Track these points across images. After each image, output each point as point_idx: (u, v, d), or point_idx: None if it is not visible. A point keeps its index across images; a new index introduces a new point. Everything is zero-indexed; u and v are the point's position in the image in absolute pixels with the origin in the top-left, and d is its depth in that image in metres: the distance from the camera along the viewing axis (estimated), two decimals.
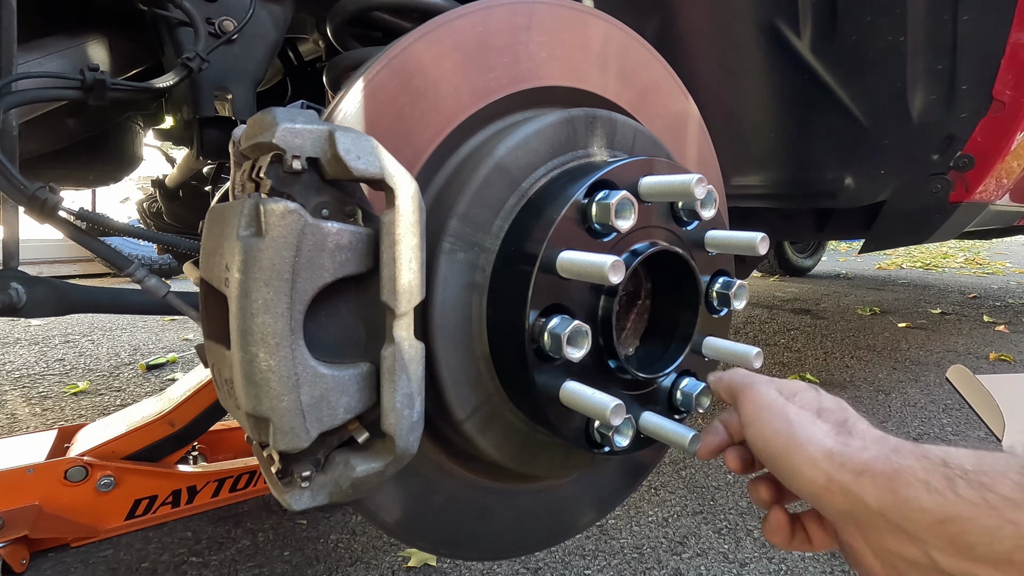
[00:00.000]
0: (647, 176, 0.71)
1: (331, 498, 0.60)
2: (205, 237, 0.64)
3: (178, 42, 1.05)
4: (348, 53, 1.04)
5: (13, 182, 0.81)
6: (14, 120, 0.88)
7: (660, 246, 0.71)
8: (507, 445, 0.75)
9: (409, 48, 0.69)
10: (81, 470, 1.50)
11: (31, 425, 2.36)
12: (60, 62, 1.07)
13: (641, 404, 0.75)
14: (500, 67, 0.74)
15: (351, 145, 0.56)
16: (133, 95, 0.93)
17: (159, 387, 2.88)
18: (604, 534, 1.69)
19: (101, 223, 0.96)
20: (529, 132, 0.72)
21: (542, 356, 0.65)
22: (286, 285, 0.53)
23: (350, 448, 0.62)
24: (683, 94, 0.95)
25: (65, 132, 1.46)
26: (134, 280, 0.91)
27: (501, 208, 0.71)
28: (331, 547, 1.58)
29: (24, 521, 1.41)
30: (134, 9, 1.08)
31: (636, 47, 0.88)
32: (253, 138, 0.56)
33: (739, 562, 1.59)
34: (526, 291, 0.64)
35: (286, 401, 0.54)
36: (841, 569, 1.58)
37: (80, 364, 3.25)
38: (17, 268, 0.96)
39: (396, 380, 0.59)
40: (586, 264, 0.61)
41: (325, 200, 0.58)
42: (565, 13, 0.79)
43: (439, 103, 0.71)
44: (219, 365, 0.62)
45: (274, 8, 1.10)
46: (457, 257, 0.68)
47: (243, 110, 1.07)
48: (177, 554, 1.53)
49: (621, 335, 0.80)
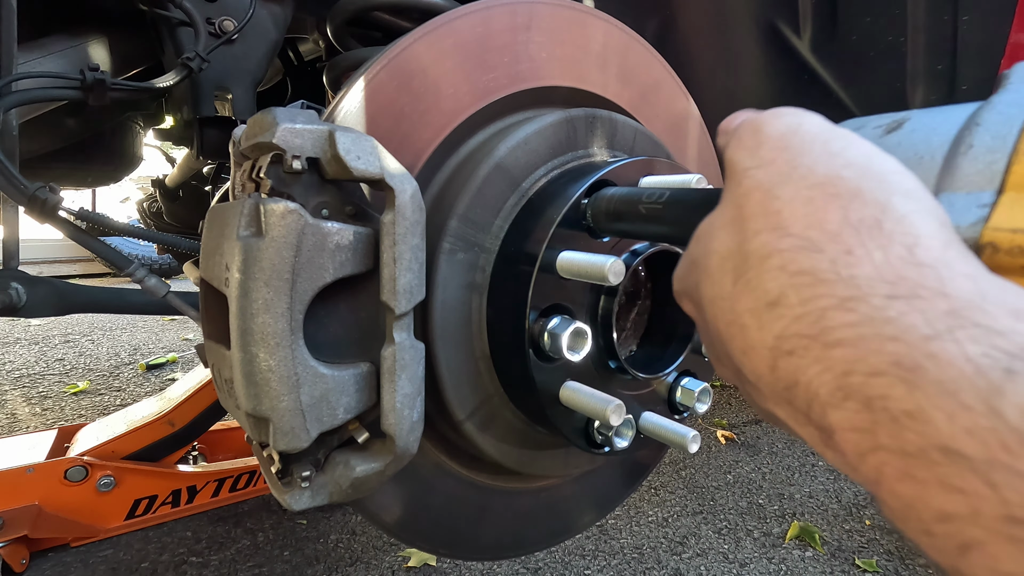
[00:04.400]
0: (647, 176, 0.71)
1: (331, 498, 0.60)
2: (205, 237, 0.64)
3: (178, 42, 1.05)
4: (348, 53, 1.04)
5: (13, 182, 0.81)
6: (14, 120, 0.88)
7: (660, 246, 0.71)
8: (507, 445, 0.75)
9: (409, 48, 0.69)
10: (81, 470, 1.50)
11: (31, 425, 2.36)
12: (60, 62, 1.07)
13: (641, 404, 0.75)
14: (500, 67, 0.74)
15: (351, 145, 0.56)
16: (133, 95, 0.93)
17: (159, 387, 2.88)
18: (604, 534, 1.69)
19: (101, 223, 0.96)
20: (529, 132, 0.72)
21: (542, 356, 0.65)
22: (286, 285, 0.53)
23: (350, 448, 0.62)
24: (683, 94, 0.95)
25: (65, 132, 1.46)
26: (134, 280, 0.91)
27: (501, 208, 0.71)
28: (331, 547, 1.58)
29: (24, 521, 1.41)
30: (134, 9, 1.08)
31: (636, 47, 0.88)
32: (253, 138, 0.56)
33: (739, 562, 1.59)
34: (526, 291, 0.64)
35: (286, 401, 0.54)
36: (841, 570, 1.58)
37: (80, 364, 3.25)
38: (17, 268, 0.96)
39: (396, 380, 0.59)
40: (586, 264, 0.61)
41: (325, 200, 0.58)
42: (565, 13, 0.79)
43: (439, 103, 0.71)
44: (219, 365, 0.62)
45: (274, 8, 1.10)
46: (457, 257, 0.68)
47: (243, 110, 1.07)
48: (177, 554, 1.53)
49: (621, 335, 0.80)
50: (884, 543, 1.70)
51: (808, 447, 2.33)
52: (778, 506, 1.90)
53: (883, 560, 1.62)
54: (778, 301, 0.29)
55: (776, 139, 0.34)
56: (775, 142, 0.34)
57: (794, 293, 0.29)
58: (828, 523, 1.80)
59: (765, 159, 0.33)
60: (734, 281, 0.32)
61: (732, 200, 0.34)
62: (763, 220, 0.31)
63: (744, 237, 0.32)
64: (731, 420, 2.64)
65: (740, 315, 0.32)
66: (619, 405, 0.61)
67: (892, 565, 1.60)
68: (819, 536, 1.71)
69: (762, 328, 0.30)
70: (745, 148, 0.35)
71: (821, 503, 1.93)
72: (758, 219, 0.32)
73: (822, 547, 1.67)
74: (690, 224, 0.52)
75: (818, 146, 0.32)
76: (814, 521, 1.81)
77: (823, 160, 0.31)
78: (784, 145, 0.33)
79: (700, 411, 0.77)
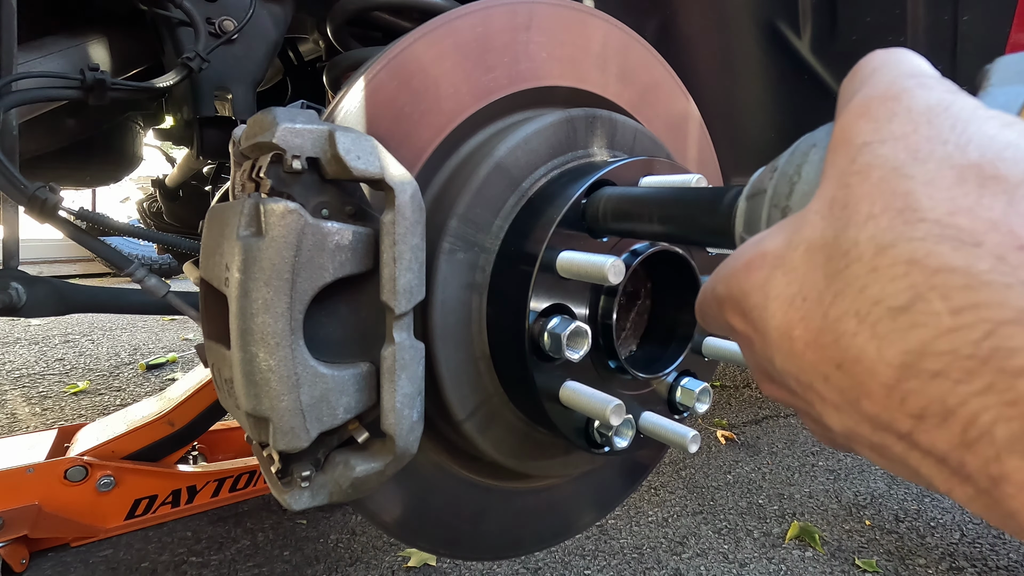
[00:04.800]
0: (647, 176, 0.71)
1: (331, 498, 0.60)
2: (205, 237, 0.64)
3: (178, 42, 1.05)
4: (348, 53, 1.04)
5: (13, 182, 0.81)
6: (14, 120, 0.88)
7: (660, 246, 0.71)
8: (507, 445, 0.75)
9: (409, 48, 0.69)
10: (81, 470, 1.50)
11: (31, 425, 2.36)
12: (60, 62, 1.07)
13: (641, 404, 0.75)
14: (500, 67, 0.74)
15: (351, 145, 0.56)
16: (133, 95, 0.93)
17: (159, 387, 2.88)
18: (604, 534, 1.69)
19: (101, 223, 0.96)
20: (529, 132, 0.72)
21: (542, 356, 0.65)
22: (286, 285, 0.53)
23: (350, 448, 0.62)
24: (683, 94, 0.95)
25: (65, 132, 1.46)
26: (134, 280, 0.91)
27: (501, 208, 0.71)
28: (331, 547, 1.58)
29: (24, 521, 1.41)
30: (134, 9, 1.08)
31: (636, 47, 0.88)
32: (253, 138, 0.56)
33: (739, 562, 1.59)
34: (526, 291, 0.64)
35: (286, 401, 0.54)
36: (841, 570, 1.58)
37: (80, 364, 3.25)
38: (17, 268, 0.96)
39: (396, 380, 0.59)
40: (586, 264, 0.61)
41: (325, 200, 0.58)
42: (565, 13, 0.79)
43: (439, 103, 0.71)
44: (219, 365, 0.62)
45: (274, 8, 1.10)
46: (457, 257, 0.68)
47: (243, 110, 1.07)
48: (177, 554, 1.53)
49: (621, 335, 0.80)
50: (884, 543, 1.70)
51: (808, 447, 2.34)
52: (778, 506, 1.90)
53: (883, 560, 1.62)
54: (910, 306, 0.22)
55: (918, 113, 0.26)
56: (917, 115, 0.26)
57: (939, 299, 0.22)
58: (828, 523, 1.80)
59: (895, 133, 0.25)
60: (828, 276, 0.25)
61: (836, 179, 0.27)
62: (882, 201, 0.24)
63: (850, 222, 0.25)
64: (731, 420, 2.64)
65: (837, 320, 0.25)
66: (619, 405, 0.61)
67: (892, 565, 1.60)
68: (819, 536, 1.71)
69: (881, 339, 0.23)
70: (870, 118, 0.27)
71: (821, 503, 1.93)
72: (874, 200, 0.24)
73: (822, 547, 1.67)
74: (692, 223, 0.52)
75: (975, 125, 0.24)
76: (814, 521, 1.81)
77: (979, 139, 0.24)
78: (929, 120, 0.25)
79: (700, 411, 0.77)
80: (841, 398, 0.26)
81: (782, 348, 0.28)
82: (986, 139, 0.24)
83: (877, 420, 0.24)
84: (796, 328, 0.27)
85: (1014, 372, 0.20)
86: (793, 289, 0.27)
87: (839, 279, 0.25)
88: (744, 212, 0.39)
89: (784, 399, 0.32)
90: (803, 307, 0.26)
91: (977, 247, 0.21)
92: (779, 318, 0.28)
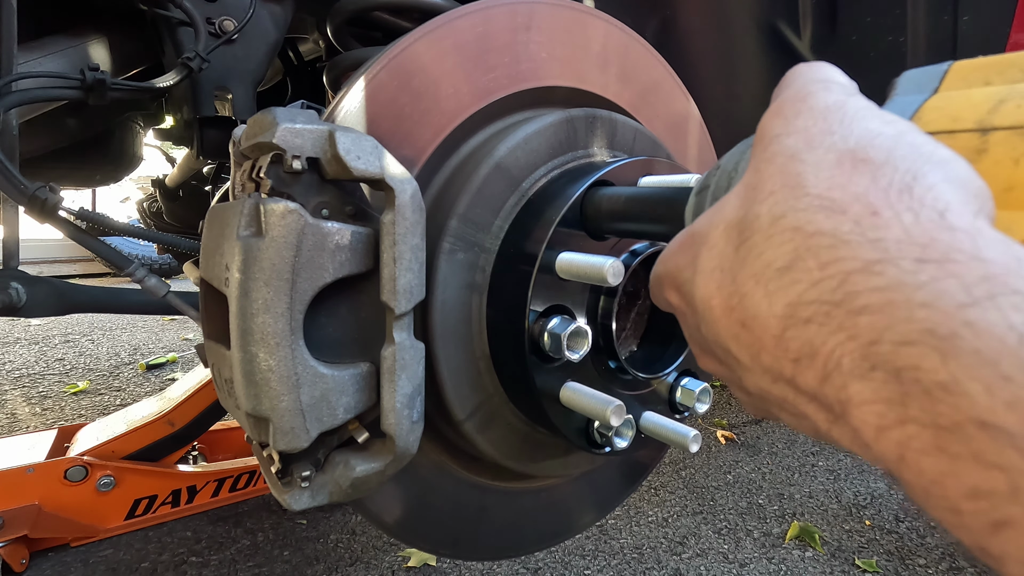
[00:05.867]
0: (647, 176, 0.71)
1: (331, 498, 0.60)
2: (205, 237, 0.64)
3: (178, 42, 1.05)
4: (348, 53, 1.04)
5: (13, 182, 0.81)
6: (14, 120, 0.88)
7: (659, 246, 0.71)
8: (507, 445, 0.75)
9: (409, 48, 0.69)
10: (81, 470, 1.50)
11: (31, 425, 2.36)
12: (60, 62, 1.07)
13: (641, 404, 0.75)
14: (500, 67, 0.74)
15: (351, 145, 0.56)
16: (133, 95, 0.93)
17: (159, 387, 2.88)
18: (604, 534, 1.69)
19: (101, 223, 0.96)
20: (529, 132, 0.72)
21: (542, 356, 0.65)
22: (286, 285, 0.53)
23: (350, 448, 0.62)
24: (683, 94, 0.95)
25: (65, 132, 1.46)
26: (134, 280, 0.91)
27: (501, 208, 0.71)
28: (331, 547, 1.58)
29: (24, 521, 1.41)
30: (134, 9, 1.08)
31: (636, 47, 0.88)
32: (253, 138, 0.56)
33: (739, 562, 1.59)
34: (526, 291, 0.64)
35: (286, 401, 0.54)
36: (841, 570, 1.58)
37: (80, 364, 3.25)
38: (17, 268, 0.96)
39: (396, 380, 0.59)
40: (585, 265, 0.61)
41: (325, 200, 0.58)
42: (565, 13, 0.79)
43: (439, 103, 0.71)
44: (219, 365, 0.62)
45: (274, 8, 1.10)
46: (457, 257, 0.68)
47: (243, 110, 1.07)
48: (177, 554, 1.53)
49: (621, 335, 0.80)
50: (884, 543, 1.70)
51: (808, 447, 2.33)
52: (778, 506, 1.90)
53: (883, 560, 1.62)
54: (792, 265, 0.26)
55: (818, 111, 0.31)
56: (816, 113, 0.31)
57: (811, 256, 0.26)
58: (828, 523, 1.80)
59: (798, 127, 0.31)
60: (737, 247, 0.29)
61: (753, 167, 0.32)
62: (779, 180, 0.29)
63: (755, 199, 0.29)
64: (731, 420, 2.64)
65: (742, 284, 0.29)
66: (619, 406, 0.61)
67: (892, 565, 1.60)
68: (819, 536, 1.71)
69: (770, 295, 0.27)
70: (782, 116, 0.32)
71: (821, 503, 1.93)
72: (774, 180, 0.29)
73: (822, 547, 1.67)
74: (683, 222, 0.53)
75: (859, 121, 0.30)
76: (814, 521, 1.81)
77: (859, 131, 0.29)
78: (824, 116, 0.30)
79: (700, 411, 0.77)
80: (748, 356, 0.29)
81: (705, 317, 0.31)
82: (864, 131, 0.29)
83: (772, 370, 0.28)
84: (715, 297, 0.30)
85: (856, 310, 0.24)
86: (714, 263, 0.31)
87: (743, 248, 0.29)
88: (693, 206, 0.44)
89: (716, 370, 0.35)
90: (720, 277, 0.30)
91: (843, 214, 0.26)
92: (702, 289, 0.31)
